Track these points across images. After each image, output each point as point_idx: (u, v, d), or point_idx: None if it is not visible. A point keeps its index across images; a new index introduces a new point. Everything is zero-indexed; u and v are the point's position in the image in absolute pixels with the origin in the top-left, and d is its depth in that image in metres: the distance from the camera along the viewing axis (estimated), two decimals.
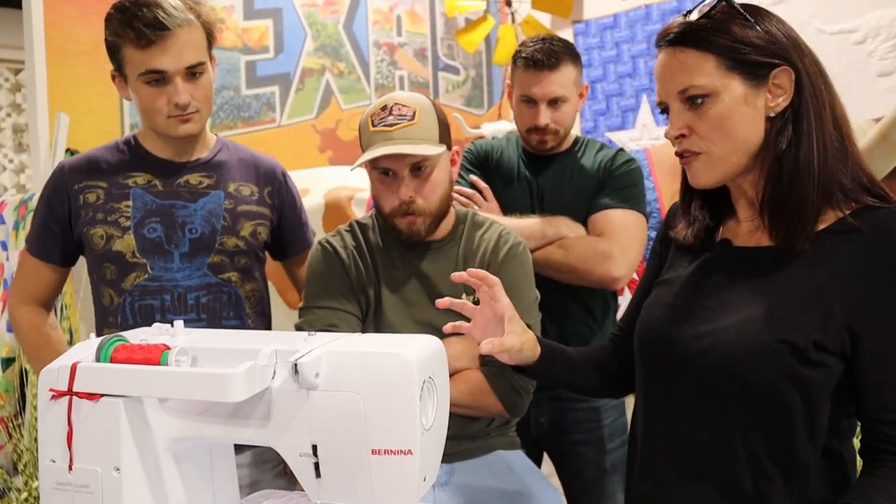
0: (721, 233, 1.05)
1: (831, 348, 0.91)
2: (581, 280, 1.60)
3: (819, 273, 0.93)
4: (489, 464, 1.35)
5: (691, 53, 0.94)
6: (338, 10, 3.06)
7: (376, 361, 0.77)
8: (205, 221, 1.42)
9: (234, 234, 1.43)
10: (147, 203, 1.41)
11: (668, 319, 1.02)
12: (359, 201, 2.25)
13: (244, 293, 1.46)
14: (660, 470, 1.01)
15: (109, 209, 1.40)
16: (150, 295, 1.39)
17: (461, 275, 1.04)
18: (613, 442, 1.68)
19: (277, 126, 2.90)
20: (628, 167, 1.68)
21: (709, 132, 0.95)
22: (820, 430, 0.92)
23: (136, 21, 1.30)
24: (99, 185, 1.42)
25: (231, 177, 1.47)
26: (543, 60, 1.62)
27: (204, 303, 1.41)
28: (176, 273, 1.40)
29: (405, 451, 0.76)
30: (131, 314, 1.39)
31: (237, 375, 0.75)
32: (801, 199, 0.93)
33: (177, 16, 1.31)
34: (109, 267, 1.40)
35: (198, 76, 1.36)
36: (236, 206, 1.45)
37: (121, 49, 1.34)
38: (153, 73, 1.32)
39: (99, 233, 1.39)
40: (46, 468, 0.82)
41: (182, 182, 1.43)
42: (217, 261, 1.42)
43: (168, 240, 1.39)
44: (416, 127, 1.30)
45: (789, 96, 0.94)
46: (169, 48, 1.31)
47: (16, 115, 4.80)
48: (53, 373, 0.82)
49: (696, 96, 0.94)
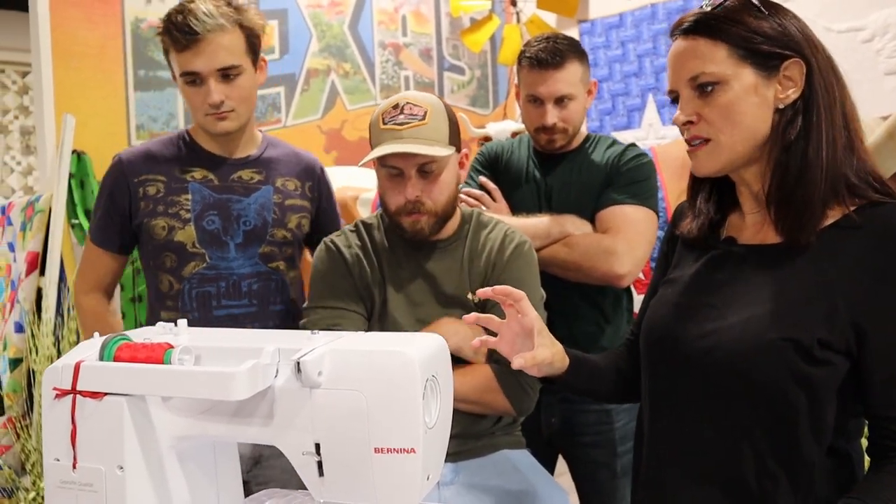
0: (726, 229, 1.05)
1: (836, 346, 0.90)
2: (586, 277, 1.59)
3: (824, 270, 0.92)
4: (494, 463, 1.34)
5: (704, 42, 0.95)
6: (343, 10, 3.06)
7: (379, 360, 0.77)
8: (257, 214, 1.53)
9: (282, 226, 1.55)
10: (205, 197, 1.51)
11: (673, 318, 1.02)
12: (364, 201, 2.25)
13: (289, 280, 1.58)
14: (665, 469, 1.01)
15: (170, 202, 1.50)
16: (208, 282, 1.50)
17: (486, 291, 1.03)
18: (625, 445, 1.67)
19: (283, 126, 2.90)
20: (638, 161, 1.66)
21: (717, 119, 0.95)
22: (825, 428, 0.92)
23: (174, 28, 1.42)
24: (158, 178, 1.52)
25: (278, 172, 1.58)
26: (548, 59, 1.61)
27: (255, 289, 1.52)
28: (231, 262, 1.51)
29: (408, 449, 0.76)
30: (189, 300, 1.50)
31: (240, 374, 0.75)
32: (809, 192, 0.93)
33: (208, 21, 1.41)
34: (170, 256, 1.50)
35: (232, 77, 1.45)
36: (284, 200, 1.57)
37: (169, 53, 1.47)
38: (188, 74, 1.44)
39: (161, 224, 1.49)
40: (51, 467, 0.83)
41: (235, 178, 1.55)
42: (268, 251, 1.53)
43: (224, 231, 1.51)
44: (427, 127, 1.30)
45: (799, 89, 0.94)
46: (201, 52, 1.42)
47: (23, 118, 4.83)
48: (57, 371, 0.82)
49: (707, 83, 0.95)
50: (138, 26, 2.56)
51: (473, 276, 1.39)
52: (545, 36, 1.67)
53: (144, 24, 2.57)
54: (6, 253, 2.31)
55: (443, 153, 1.30)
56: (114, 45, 2.51)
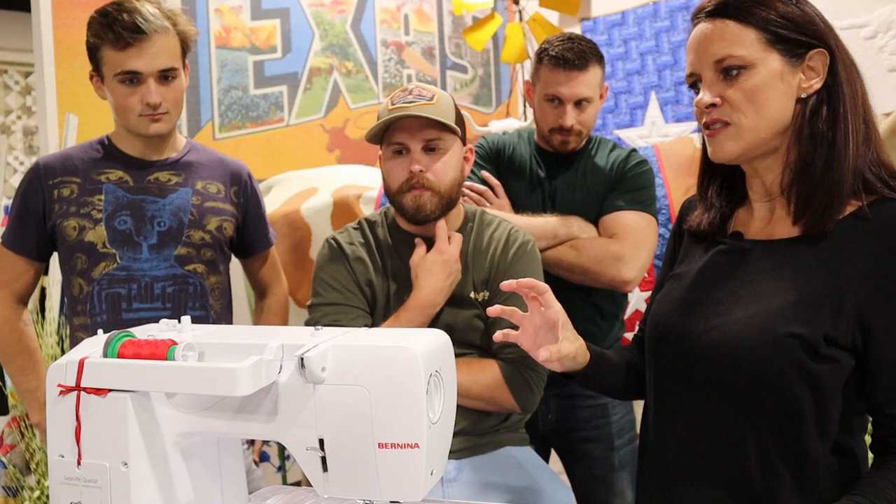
0: (732, 224, 1.04)
1: (842, 342, 0.90)
2: (592, 281, 1.60)
3: (832, 266, 0.92)
4: (498, 460, 1.34)
5: (732, 25, 0.94)
6: (345, 9, 3.06)
7: (383, 355, 0.77)
8: (173, 216, 1.50)
9: (200, 227, 1.52)
10: (119, 198, 1.49)
11: (679, 313, 1.01)
12: (367, 200, 2.25)
13: (209, 285, 1.54)
14: (670, 464, 1.01)
15: (83, 202, 1.48)
16: (118, 283, 1.47)
17: (511, 284, 1.01)
18: (622, 439, 1.67)
19: (286, 126, 2.90)
20: (641, 168, 1.67)
21: (741, 103, 0.94)
22: (830, 425, 0.91)
23: (116, 24, 1.39)
24: (73, 180, 1.50)
25: (199, 175, 1.56)
26: (574, 60, 1.60)
27: (169, 292, 1.49)
28: (144, 263, 1.48)
29: (412, 444, 0.76)
30: (98, 302, 1.46)
31: (244, 370, 0.75)
32: (837, 183, 0.92)
33: (154, 22, 1.41)
34: (80, 257, 1.48)
35: (170, 80, 1.45)
36: (203, 202, 1.54)
37: (100, 49, 1.44)
38: (128, 73, 1.42)
39: (72, 224, 1.47)
40: (55, 463, 0.83)
41: (152, 179, 1.52)
42: (184, 252, 1.50)
43: (137, 232, 1.48)
44: (434, 107, 1.32)
45: (822, 79, 0.94)
46: (145, 51, 1.41)
47: (26, 118, 4.84)
48: (62, 368, 0.83)
49: (733, 67, 0.94)
50: None
51: (476, 274, 1.39)
52: (567, 36, 1.65)
53: None
54: None
55: (448, 121, 1.31)
56: None
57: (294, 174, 2.45)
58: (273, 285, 1.74)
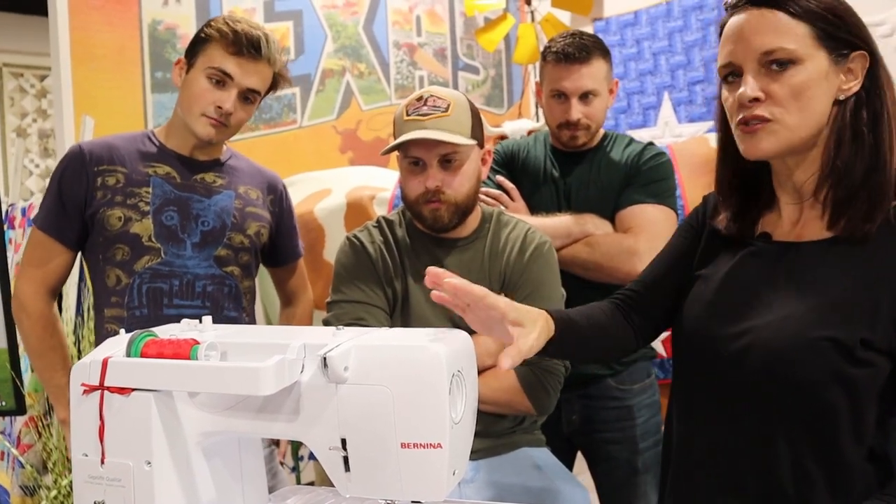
0: (760, 226, 1.02)
1: (879, 346, 0.87)
2: (607, 277, 1.59)
3: (866, 268, 0.90)
4: (515, 461, 1.34)
5: (784, 17, 0.90)
6: (358, 11, 3.07)
7: (405, 355, 0.77)
8: (217, 216, 1.51)
9: (241, 231, 1.53)
10: (166, 192, 1.48)
11: (707, 316, 0.99)
12: (380, 201, 2.25)
13: (243, 288, 1.55)
14: (696, 471, 0.99)
15: (129, 193, 1.46)
16: (161, 278, 1.45)
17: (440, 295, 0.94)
18: (646, 441, 1.66)
19: (298, 127, 2.91)
20: (657, 161, 1.66)
21: (787, 100, 0.90)
22: (866, 430, 0.89)
23: (242, 35, 1.44)
24: (119, 169, 1.48)
25: (241, 180, 1.57)
26: (574, 54, 1.60)
27: (209, 291, 1.49)
28: (187, 260, 1.47)
29: (434, 444, 0.76)
30: (139, 295, 1.44)
31: (267, 369, 0.75)
32: (879, 186, 0.90)
33: (271, 52, 1.47)
34: (122, 248, 1.45)
35: (248, 103, 1.49)
36: (245, 206, 1.55)
37: (209, 43, 1.45)
38: (223, 72, 1.44)
39: (117, 214, 1.44)
40: (79, 462, 0.83)
41: (198, 178, 1.52)
42: (224, 254, 1.51)
43: (182, 228, 1.47)
44: (449, 119, 1.30)
45: (860, 82, 0.91)
46: (248, 68, 1.45)
47: (41, 121, 4.88)
48: (85, 367, 0.83)
49: (782, 61, 0.90)
50: (156, 28, 2.58)
51: (493, 275, 1.39)
52: (570, 32, 1.66)
53: (162, 26, 2.59)
54: None
55: (463, 142, 1.30)
56: (131, 48, 2.53)
57: (307, 175, 2.46)
58: (300, 294, 1.75)
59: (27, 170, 4.79)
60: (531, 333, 0.93)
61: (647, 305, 1.10)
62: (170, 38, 2.59)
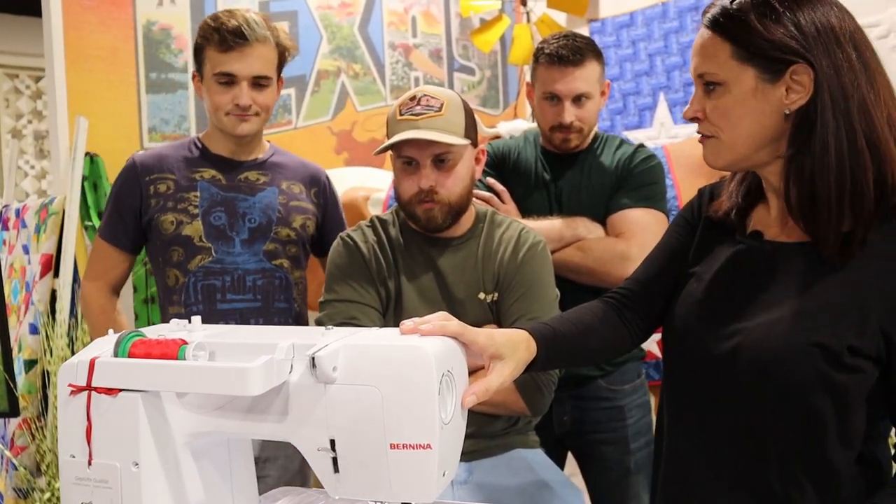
0: (753, 222, 1.01)
1: (867, 352, 0.87)
2: (600, 282, 1.59)
3: (854, 273, 0.89)
4: (508, 462, 1.34)
5: (713, 39, 0.94)
6: (353, 11, 3.07)
7: (395, 355, 0.77)
8: (262, 213, 1.59)
9: (286, 225, 1.61)
10: (213, 194, 1.59)
11: (697, 316, 0.99)
12: (375, 201, 2.25)
13: (294, 279, 1.63)
14: (686, 472, 0.98)
15: (179, 198, 1.57)
16: (213, 276, 1.56)
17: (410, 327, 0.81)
18: (638, 442, 1.66)
19: (294, 128, 2.90)
20: (647, 164, 1.65)
21: (717, 119, 0.94)
22: (854, 435, 0.89)
23: (223, 28, 1.51)
24: (169, 177, 1.59)
25: (284, 176, 1.65)
26: (568, 56, 1.59)
27: (260, 285, 1.58)
28: (237, 257, 1.57)
29: (424, 445, 0.75)
30: (194, 292, 1.55)
31: (255, 369, 0.74)
32: (823, 198, 0.90)
33: (256, 30, 1.52)
34: (177, 250, 1.57)
35: (262, 87, 1.55)
36: (289, 201, 1.63)
37: (204, 50, 1.54)
38: (225, 74, 1.52)
39: (169, 219, 1.56)
40: (66, 463, 0.82)
41: (242, 178, 1.62)
42: (272, 248, 1.59)
43: (230, 227, 1.57)
44: (442, 118, 1.30)
45: (808, 93, 0.89)
46: (244, 56, 1.51)
47: (37, 122, 4.87)
48: (72, 368, 0.82)
49: (710, 82, 0.94)
50: (150, 29, 2.57)
51: (487, 275, 1.38)
52: (563, 34, 1.65)
53: (156, 27, 2.58)
54: (21, 255, 2.33)
55: (456, 141, 1.30)
56: (126, 49, 2.52)
57: None
58: None
59: (22, 171, 4.77)
60: (505, 369, 0.88)
61: (643, 303, 1.10)
62: (164, 38, 2.58)
